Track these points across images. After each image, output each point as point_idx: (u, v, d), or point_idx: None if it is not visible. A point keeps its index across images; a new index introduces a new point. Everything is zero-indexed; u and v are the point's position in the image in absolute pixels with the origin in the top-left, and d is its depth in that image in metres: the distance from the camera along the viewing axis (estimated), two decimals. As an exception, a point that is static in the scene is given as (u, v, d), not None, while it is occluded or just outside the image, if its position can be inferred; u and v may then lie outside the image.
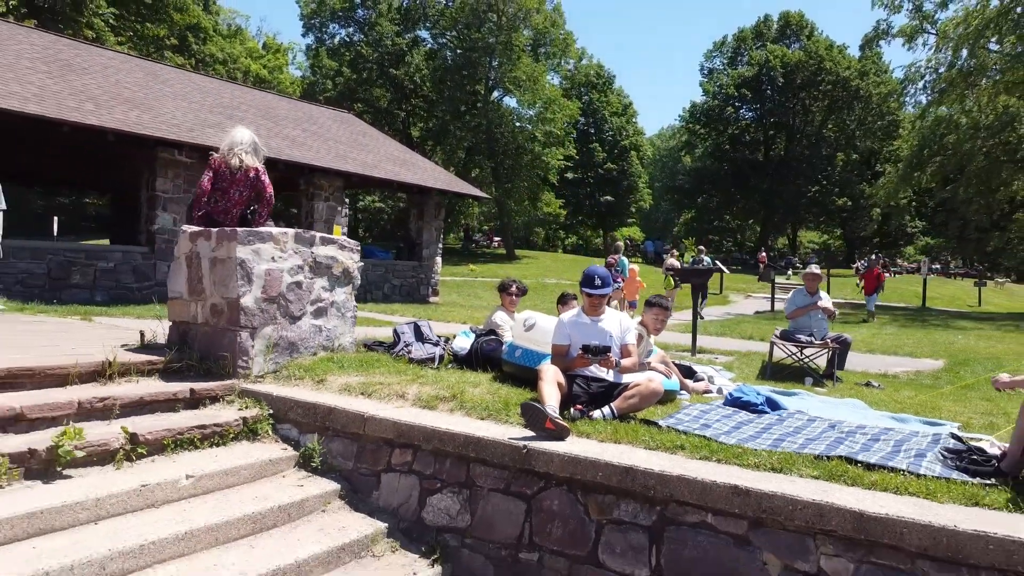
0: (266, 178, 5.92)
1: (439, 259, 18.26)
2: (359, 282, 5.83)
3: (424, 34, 48.06)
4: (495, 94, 44.59)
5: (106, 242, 21.14)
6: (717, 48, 52.59)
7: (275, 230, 5.13)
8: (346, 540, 3.84)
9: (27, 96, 10.28)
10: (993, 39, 24.84)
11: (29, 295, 10.62)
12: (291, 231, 5.26)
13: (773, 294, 22.12)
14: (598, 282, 4.78)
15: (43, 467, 3.64)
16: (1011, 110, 24.00)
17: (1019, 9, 23.55)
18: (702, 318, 19.18)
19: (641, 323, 5.56)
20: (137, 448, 4.00)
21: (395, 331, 6.17)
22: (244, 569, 3.37)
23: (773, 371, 7.88)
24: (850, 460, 3.70)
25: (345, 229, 15.18)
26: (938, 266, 68.15)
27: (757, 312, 21.07)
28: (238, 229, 4.95)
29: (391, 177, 15.70)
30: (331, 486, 4.31)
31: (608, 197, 55.30)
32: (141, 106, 12.16)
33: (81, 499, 3.48)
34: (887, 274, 53.63)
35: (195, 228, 5.21)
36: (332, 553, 3.73)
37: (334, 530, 3.93)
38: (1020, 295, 46.31)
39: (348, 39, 45.19)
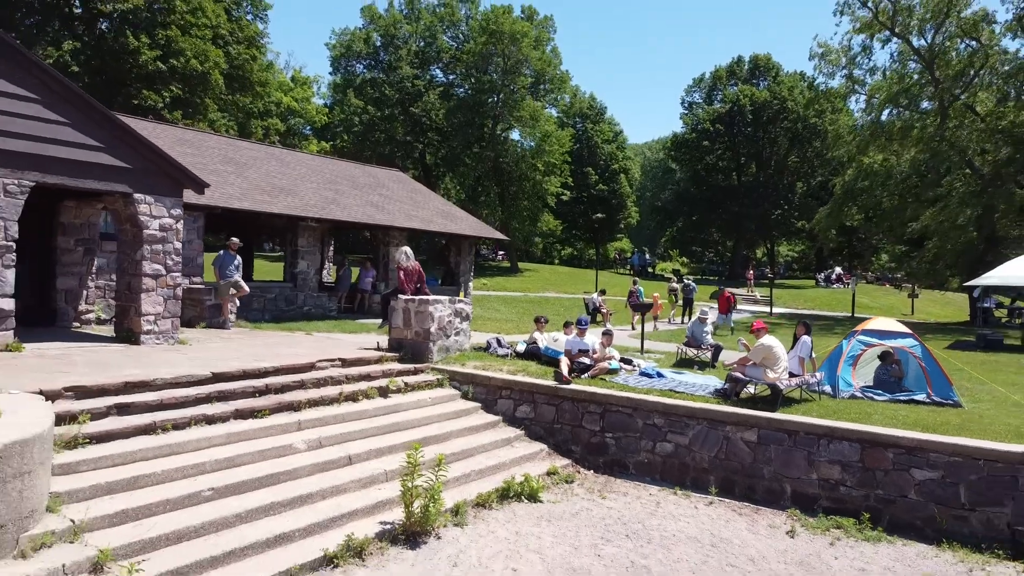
0: (421, 270, 12.44)
1: (471, 284, 24.72)
2: (471, 318, 12.31)
3: (437, 72, 54.56)
4: (500, 126, 51.00)
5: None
6: (696, 84, 59.43)
7: (442, 297, 11.61)
8: (489, 420, 10.34)
9: (235, 195, 16.66)
10: (902, 105, 31.50)
11: (229, 316, 16.93)
12: (447, 298, 11.74)
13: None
14: (583, 323, 11.40)
15: (383, 392, 10.10)
16: (902, 165, 30.71)
17: (917, 88, 30.22)
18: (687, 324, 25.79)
19: (601, 343, 11.99)
20: (408, 387, 10.47)
21: (487, 341, 12.66)
22: (465, 425, 9.87)
23: (681, 362, 14.35)
24: (672, 391, 10.25)
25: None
26: (900, 275, 74.86)
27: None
28: (429, 297, 11.45)
29: (440, 229, 22.19)
30: (476, 405, 10.78)
31: (600, 214, 61.92)
32: (291, 192, 18.57)
33: (401, 402, 9.97)
34: (845, 284, 59.66)
35: (408, 296, 11.67)
36: (485, 424, 10.23)
37: (483, 418, 10.43)
38: (956, 303, 52.83)
39: (373, 79, 51.56)
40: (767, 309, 34.44)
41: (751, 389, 10.33)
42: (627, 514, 8.36)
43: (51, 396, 7.15)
